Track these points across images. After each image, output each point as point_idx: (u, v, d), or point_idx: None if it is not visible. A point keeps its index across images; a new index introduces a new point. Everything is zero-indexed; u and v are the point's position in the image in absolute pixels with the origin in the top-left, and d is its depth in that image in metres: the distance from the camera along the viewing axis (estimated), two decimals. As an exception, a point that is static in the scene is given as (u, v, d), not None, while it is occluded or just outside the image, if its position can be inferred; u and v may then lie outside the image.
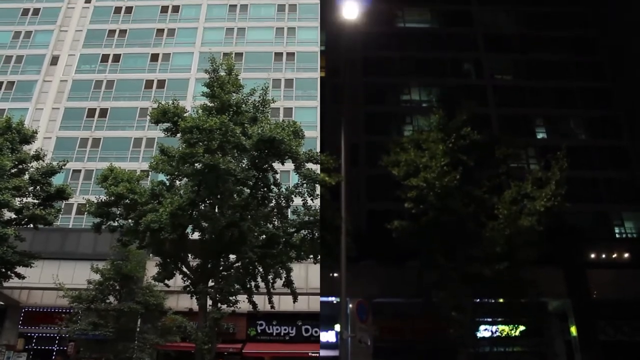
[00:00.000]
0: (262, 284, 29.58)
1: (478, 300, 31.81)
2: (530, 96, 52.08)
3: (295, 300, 29.56)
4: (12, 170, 32.65)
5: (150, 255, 33.86)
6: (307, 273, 40.19)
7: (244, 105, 29.16)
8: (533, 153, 48.31)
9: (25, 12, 66.37)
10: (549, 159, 31.90)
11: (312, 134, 48.47)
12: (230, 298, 28.20)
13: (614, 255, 43.59)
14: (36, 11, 66.44)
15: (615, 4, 53.41)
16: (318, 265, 31.50)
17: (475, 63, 55.16)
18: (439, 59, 53.97)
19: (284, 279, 29.18)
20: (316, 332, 43.39)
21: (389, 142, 34.24)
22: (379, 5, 52.35)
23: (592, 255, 42.88)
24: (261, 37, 63.68)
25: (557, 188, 29.71)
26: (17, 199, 32.07)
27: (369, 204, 44.69)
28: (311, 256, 29.58)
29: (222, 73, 29.41)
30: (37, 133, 36.21)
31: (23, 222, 32.76)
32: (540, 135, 51.38)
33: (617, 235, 46.31)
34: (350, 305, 24.20)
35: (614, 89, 51.78)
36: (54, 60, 62.82)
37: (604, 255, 43.30)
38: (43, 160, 34.61)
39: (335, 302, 32.24)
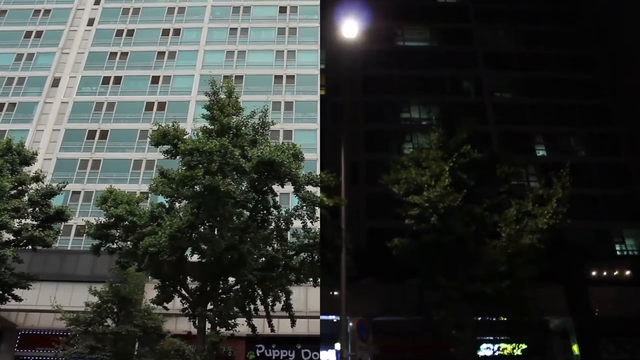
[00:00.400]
0: (261, 307, 29.37)
1: (479, 318, 31.62)
2: (529, 113, 52.18)
3: (293, 324, 29.31)
4: (12, 192, 32.59)
5: (149, 277, 33.73)
6: (306, 296, 40.01)
7: (243, 128, 29.26)
8: (533, 170, 48.27)
9: (28, 34, 67.00)
10: (551, 176, 31.88)
11: (312, 157, 48.61)
12: (229, 321, 27.99)
13: (615, 273, 43.41)
14: (39, 34, 67.06)
15: (613, 23, 53.77)
16: (318, 288, 31.39)
17: (474, 81, 55.37)
18: (439, 77, 54.17)
19: (283, 302, 29.00)
20: (316, 355, 43.03)
21: (389, 160, 34.24)
22: (378, 24, 52.73)
23: (594, 273, 42.72)
24: (261, 60, 64.09)
25: (559, 206, 29.67)
26: (16, 220, 32.03)
27: (369, 222, 44.57)
28: (310, 279, 29.44)
29: (222, 96, 29.63)
30: (37, 154, 36.22)
31: (21, 243, 32.58)
32: (540, 153, 51.39)
33: (618, 253, 46.12)
34: (351, 324, 24.11)
35: (613, 106, 51.89)
36: (56, 82, 63.25)
37: (605, 273, 43.12)
38: (43, 182, 34.58)
39: (335, 320, 32.10)
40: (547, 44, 55.77)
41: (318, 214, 27.95)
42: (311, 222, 28.04)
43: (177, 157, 28.39)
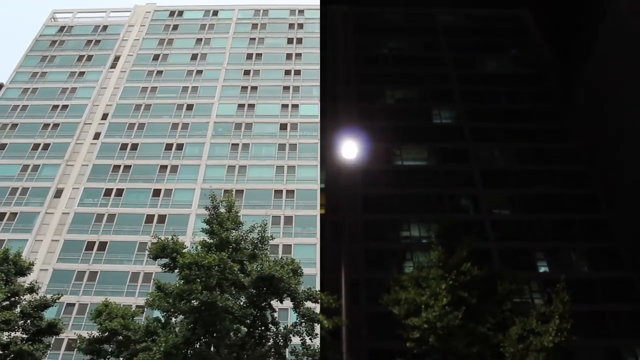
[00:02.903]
0: None
1: None
2: (529, 230, 52.28)
3: None
4: (4, 303, 31.94)
5: (140, 397, 32.30)
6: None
7: (243, 242, 29.29)
8: (536, 287, 47.63)
9: (36, 146, 68.75)
10: (550, 292, 31.48)
11: (312, 271, 48.28)
12: None
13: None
14: (46, 146, 68.83)
15: (609, 138, 55.28)
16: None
17: (473, 198, 55.94)
18: (438, 195, 54.82)
19: None
20: None
21: (390, 279, 33.91)
22: (376, 145, 54.20)
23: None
24: (262, 175, 65.27)
25: (561, 322, 29.07)
26: (6, 333, 31.12)
27: (370, 343, 43.31)
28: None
29: (222, 210, 29.86)
30: (33, 265, 35.82)
31: (8, 358, 31.49)
32: (542, 269, 50.95)
33: (636, 373, 44.44)
34: None
35: (611, 221, 52.11)
36: (58, 193, 64.02)
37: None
38: (37, 293, 34.04)
39: None
40: (543, 160, 56.95)
41: (317, 331, 27.39)
42: (310, 339, 27.43)
43: (176, 270, 28.21)
